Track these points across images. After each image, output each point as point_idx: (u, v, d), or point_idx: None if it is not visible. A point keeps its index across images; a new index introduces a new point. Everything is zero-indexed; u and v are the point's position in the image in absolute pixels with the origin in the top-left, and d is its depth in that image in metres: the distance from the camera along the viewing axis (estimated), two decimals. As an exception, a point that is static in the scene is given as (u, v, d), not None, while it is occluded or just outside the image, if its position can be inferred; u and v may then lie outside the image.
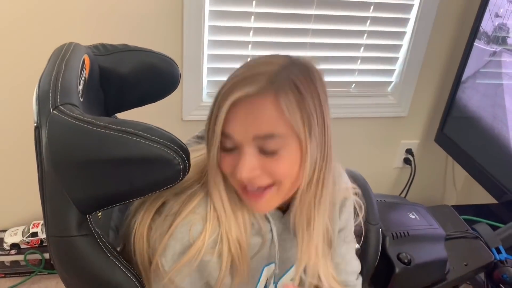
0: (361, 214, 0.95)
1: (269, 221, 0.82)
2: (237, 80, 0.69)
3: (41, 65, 0.79)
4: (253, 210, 0.78)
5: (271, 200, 0.75)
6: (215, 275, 0.79)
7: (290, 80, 0.69)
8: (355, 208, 0.95)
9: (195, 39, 1.57)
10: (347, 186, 0.92)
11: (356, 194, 0.94)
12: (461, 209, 1.61)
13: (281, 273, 0.87)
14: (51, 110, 0.67)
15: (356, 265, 0.99)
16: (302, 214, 0.78)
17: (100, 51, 0.90)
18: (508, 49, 1.49)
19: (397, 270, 1.12)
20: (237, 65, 0.95)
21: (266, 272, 0.85)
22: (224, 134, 0.70)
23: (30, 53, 1.47)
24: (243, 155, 0.70)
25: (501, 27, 1.51)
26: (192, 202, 0.76)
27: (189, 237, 0.75)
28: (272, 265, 0.84)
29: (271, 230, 0.82)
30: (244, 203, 0.78)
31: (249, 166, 0.70)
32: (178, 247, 0.75)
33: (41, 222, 1.70)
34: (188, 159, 0.69)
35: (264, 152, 0.70)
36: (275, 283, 0.88)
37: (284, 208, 0.83)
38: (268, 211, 0.81)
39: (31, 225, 1.68)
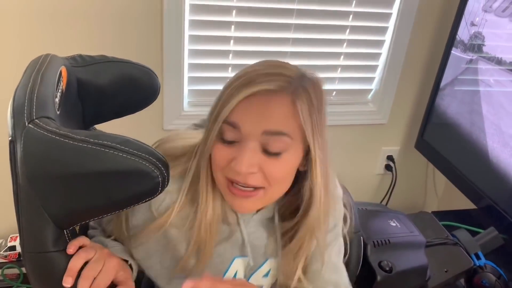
0: (346, 228, 0.94)
1: (236, 214, 0.83)
2: (255, 74, 0.70)
3: (16, 74, 0.78)
4: (235, 208, 0.79)
5: (256, 202, 0.76)
6: (181, 251, 0.81)
7: (305, 89, 0.71)
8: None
9: (175, 48, 1.57)
10: (339, 194, 0.92)
11: (344, 205, 0.93)
12: (442, 215, 1.63)
13: (254, 268, 0.86)
14: (26, 124, 0.66)
15: (335, 278, 0.90)
16: (302, 232, 0.80)
17: (78, 62, 0.89)
18: (483, 57, 1.52)
19: (378, 278, 1.13)
20: (218, 74, 0.94)
21: (237, 263, 0.85)
22: (230, 123, 0.71)
23: (4, 64, 1.45)
24: (246, 149, 0.70)
25: (477, 35, 1.54)
26: None
27: (155, 208, 0.79)
28: (246, 258, 0.84)
29: (238, 222, 0.83)
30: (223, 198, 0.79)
31: (250, 160, 0.70)
32: (146, 214, 0.80)
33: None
34: (167, 171, 0.69)
35: (267, 151, 0.71)
36: (248, 278, 0.87)
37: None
38: (249, 212, 0.82)
39: (9, 238, 1.65)
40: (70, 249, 0.71)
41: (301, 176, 0.79)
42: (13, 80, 0.76)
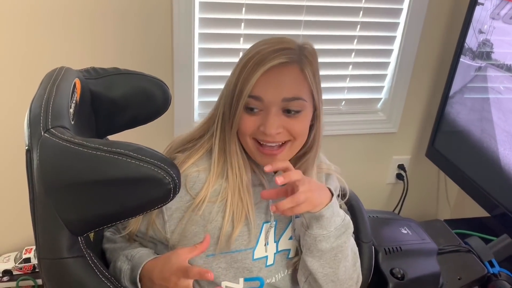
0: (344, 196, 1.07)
1: (262, 175, 0.92)
2: (266, 52, 0.82)
3: (22, 74, 0.79)
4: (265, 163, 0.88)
5: (284, 156, 0.88)
6: (219, 222, 0.88)
7: (306, 57, 0.85)
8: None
9: (186, 61, 1.59)
10: (329, 163, 1.05)
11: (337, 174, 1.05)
12: (454, 223, 1.62)
13: (280, 232, 0.94)
14: (42, 133, 0.68)
15: None
16: (301, 169, 0.91)
17: (91, 74, 0.92)
18: (492, 64, 1.52)
19: (390, 285, 1.12)
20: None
21: (265, 229, 0.92)
22: (254, 97, 0.83)
23: (22, 74, 1.47)
24: (271, 115, 0.83)
25: (485, 42, 1.54)
26: (195, 155, 0.89)
27: (190, 187, 0.87)
28: (273, 223, 0.92)
29: (263, 183, 0.92)
30: (251, 161, 0.90)
31: (276, 123, 0.83)
32: (182, 199, 0.87)
33: (34, 247, 1.69)
34: (179, 178, 0.70)
35: (287, 112, 0.84)
36: (276, 242, 0.94)
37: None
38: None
39: (24, 251, 1.67)
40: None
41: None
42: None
